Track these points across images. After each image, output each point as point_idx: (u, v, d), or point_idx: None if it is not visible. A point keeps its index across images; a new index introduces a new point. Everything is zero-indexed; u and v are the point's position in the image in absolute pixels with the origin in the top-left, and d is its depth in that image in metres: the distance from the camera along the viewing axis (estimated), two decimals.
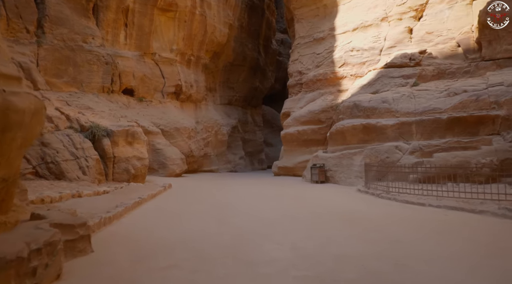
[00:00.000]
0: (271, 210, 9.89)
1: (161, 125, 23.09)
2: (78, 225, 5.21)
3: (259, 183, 19.43)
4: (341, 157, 17.91)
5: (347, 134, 18.04)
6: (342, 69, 22.78)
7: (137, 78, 22.98)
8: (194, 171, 25.61)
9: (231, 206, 10.71)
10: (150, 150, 20.88)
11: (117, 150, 16.08)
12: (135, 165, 16.37)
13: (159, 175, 20.92)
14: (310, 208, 10.21)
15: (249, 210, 9.92)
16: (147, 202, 11.21)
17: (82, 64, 19.66)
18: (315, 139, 22.43)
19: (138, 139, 17.00)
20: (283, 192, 14.61)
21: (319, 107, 22.18)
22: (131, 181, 16.12)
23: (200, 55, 27.20)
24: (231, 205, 11.02)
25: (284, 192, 14.78)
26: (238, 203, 11.36)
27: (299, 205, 10.85)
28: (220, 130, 28.68)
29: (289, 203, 11.29)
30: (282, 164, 23.98)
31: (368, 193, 13.03)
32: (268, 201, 11.82)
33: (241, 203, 11.35)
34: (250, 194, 14.04)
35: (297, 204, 11.08)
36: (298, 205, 10.96)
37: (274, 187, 17.12)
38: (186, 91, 25.87)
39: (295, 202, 11.61)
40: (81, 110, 16.98)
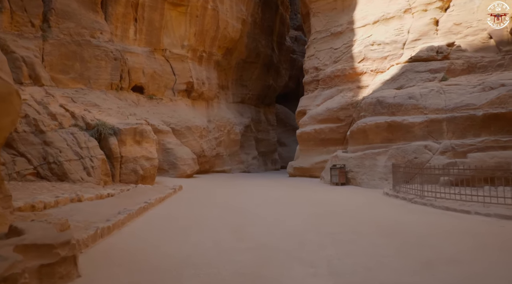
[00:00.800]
0: (293, 218, 8.64)
1: (171, 123, 22.01)
2: (59, 244, 4.04)
3: (275, 185, 18.18)
4: (363, 157, 16.54)
5: (370, 132, 16.66)
6: (362, 64, 21.38)
7: (147, 74, 21.94)
8: (206, 171, 24.49)
9: (246, 212, 9.49)
10: (160, 149, 19.82)
11: (125, 149, 15.01)
12: (144, 166, 15.28)
13: (169, 176, 19.83)
14: (337, 216, 8.92)
15: (267, 218, 8.68)
16: (155, 207, 10.06)
17: (90, 60, 18.67)
18: (333, 138, 21.08)
19: (147, 138, 15.91)
20: (302, 196, 13.33)
21: (337, 105, 20.82)
22: (139, 182, 15.03)
23: (212, 52, 26.07)
24: (247, 211, 9.80)
25: (303, 195, 13.50)
26: (254, 209, 10.13)
27: (323, 212, 9.57)
28: (233, 129, 27.50)
29: (311, 210, 10.02)
30: (298, 165, 22.68)
31: (398, 197, 11.67)
32: (287, 207, 10.56)
33: (258, 209, 10.12)
34: (267, 197, 12.80)
35: (320, 210, 9.80)
36: (322, 211, 9.68)
37: (291, 189, 15.85)
38: (197, 88, 24.76)
39: (318, 208, 10.33)
40: (87, 107, 15.97)
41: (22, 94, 14.14)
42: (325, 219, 8.53)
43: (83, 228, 6.34)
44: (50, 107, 14.25)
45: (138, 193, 12.12)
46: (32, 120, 13.33)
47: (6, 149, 12.68)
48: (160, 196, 11.12)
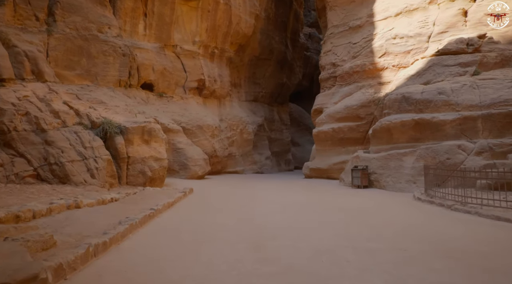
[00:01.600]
0: (320, 229, 7.39)
1: (182, 122, 20.95)
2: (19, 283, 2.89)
3: (291, 187, 16.93)
4: (387, 158, 15.19)
5: (395, 131, 15.30)
6: (383, 59, 19.99)
7: (156, 71, 20.91)
8: (218, 172, 23.37)
9: (265, 221, 8.28)
10: (170, 149, 18.75)
11: (132, 149, 13.95)
12: (152, 167, 14.21)
13: (179, 177, 18.76)
14: (370, 226, 7.65)
15: (290, 229, 7.46)
16: (162, 214, 8.92)
17: (97, 56, 17.69)
18: (352, 138, 19.74)
19: (156, 137, 14.83)
20: (324, 200, 12.06)
21: (357, 102, 19.47)
22: (148, 184, 13.95)
23: (224, 48, 24.93)
24: (265, 219, 8.59)
25: (324, 200, 12.23)
26: (273, 217, 8.92)
27: (352, 220, 8.31)
28: (246, 129, 26.33)
29: (338, 218, 8.76)
30: (314, 166, 21.39)
31: (434, 203, 10.32)
32: (310, 214, 9.31)
33: (278, 217, 8.90)
34: (285, 202, 11.57)
35: (348, 218, 8.54)
36: (351, 220, 8.42)
37: (310, 192, 14.59)
38: (209, 86, 23.65)
39: (345, 215, 9.06)
40: (93, 104, 14.96)
41: (24, 90, 13.19)
42: (357, 230, 7.27)
43: (72, 245, 5.21)
44: (53, 104, 13.26)
45: (145, 197, 11.01)
46: (33, 118, 12.35)
47: (5, 149, 11.72)
48: (168, 201, 9.98)
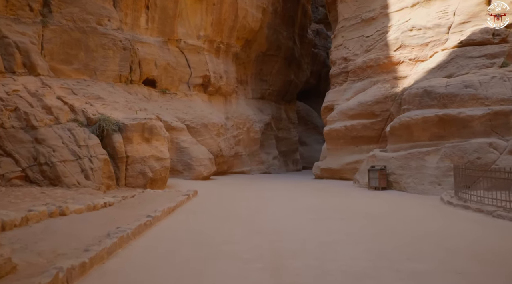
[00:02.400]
0: (347, 244, 6.13)
1: (186, 120, 19.75)
2: None
3: (302, 189, 15.67)
4: (408, 157, 13.88)
5: (415, 128, 13.99)
6: (399, 53, 18.65)
7: (159, 67, 19.73)
8: (224, 172, 22.15)
9: (280, 232, 7.05)
10: (173, 148, 17.57)
11: (131, 148, 12.78)
12: (153, 167, 13.02)
13: (183, 178, 17.56)
14: (407, 239, 6.37)
15: (312, 244, 6.21)
16: (161, 222, 7.71)
17: (96, 49, 16.53)
18: (366, 136, 18.43)
19: (157, 135, 13.64)
20: (342, 205, 10.80)
21: (372, 98, 18.16)
22: (148, 186, 12.77)
23: (230, 43, 23.70)
24: (280, 228, 7.35)
25: (342, 204, 10.96)
26: (288, 225, 7.68)
27: (383, 231, 7.04)
28: (252, 127, 25.09)
29: (365, 227, 7.49)
30: (325, 166, 20.11)
31: (470, 208, 9.01)
32: (330, 222, 8.05)
33: (293, 226, 7.66)
34: (299, 207, 10.32)
35: (377, 229, 7.27)
36: (381, 230, 7.15)
37: (324, 195, 13.32)
38: (215, 82, 22.44)
39: (372, 224, 7.79)
40: (89, 100, 13.80)
41: (14, 84, 12.05)
42: (392, 244, 6.01)
43: (39, 268, 4.02)
44: (46, 99, 12.11)
45: (143, 201, 9.82)
46: (23, 114, 11.20)
47: None
48: (169, 206, 8.77)
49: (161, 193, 11.80)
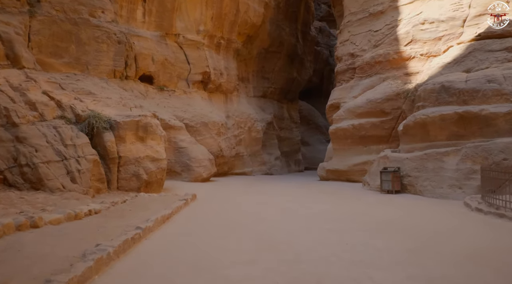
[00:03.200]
0: (387, 269, 4.95)
1: (185, 119, 18.58)
2: None
3: (309, 192, 14.51)
4: (424, 158, 12.73)
5: (432, 127, 12.85)
6: (409, 48, 17.51)
7: (157, 62, 18.55)
8: (224, 173, 20.98)
9: (296, 248, 5.87)
10: (171, 148, 16.40)
11: (124, 148, 11.60)
12: (148, 169, 11.85)
13: (182, 179, 16.39)
14: (459, 265, 5.19)
15: (338, 266, 5.03)
16: (153, 234, 6.52)
17: (88, 42, 15.35)
18: (376, 135, 17.27)
19: (153, 133, 12.46)
20: (357, 211, 9.63)
21: (382, 95, 17.00)
22: (143, 189, 11.60)
23: (231, 38, 22.53)
24: (295, 243, 6.17)
25: (357, 210, 9.79)
26: (305, 239, 6.51)
27: (422, 250, 5.85)
28: (254, 126, 23.91)
29: (397, 243, 6.32)
30: (331, 167, 18.94)
31: (506, 217, 7.84)
32: (353, 235, 6.87)
33: (311, 240, 6.49)
34: (311, 214, 9.14)
35: (413, 244, 6.09)
36: (418, 247, 5.96)
37: (334, 199, 12.15)
38: (215, 79, 21.27)
39: (403, 238, 6.62)
40: (79, 95, 12.61)
41: None
42: (440, 268, 4.82)
43: None
44: (30, 94, 10.92)
45: (135, 208, 8.64)
46: (3, 109, 10.02)
47: None
48: (163, 214, 7.58)
49: (156, 197, 10.62)
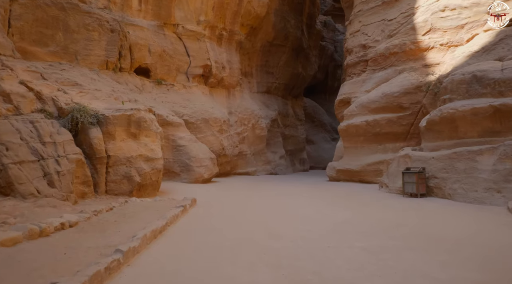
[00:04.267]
0: None
1: (184, 115, 17.04)
2: None
3: (322, 195, 12.96)
4: (453, 157, 11.16)
5: (462, 122, 11.28)
6: (428, 37, 15.94)
7: (154, 54, 17.01)
8: (227, 173, 19.44)
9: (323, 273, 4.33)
10: (169, 147, 14.89)
11: (114, 146, 10.06)
12: (142, 169, 10.31)
13: (181, 181, 14.87)
14: None
15: None
16: (138, 256, 4.98)
17: (77, 30, 13.81)
18: (392, 132, 15.71)
19: (147, 129, 10.91)
20: (389, 221, 8.08)
21: (399, 88, 15.43)
22: (135, 193, 10.06)
23: (233, 30, 20.96)
24: (324, 275, 4.63)
25: (388, 220, 8.24)
26: (342, 270, 4.96)
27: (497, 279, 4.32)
28: (258, 124, 22.36)
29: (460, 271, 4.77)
30: (342, 166, 17.38)
31: None
32: (400, 258, 5.31)
33: (350, 269, 4.94)
34: (337, 227, 7.60)
35: (481, 274, 4.56)
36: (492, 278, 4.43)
37: (355, 205, 10.60)
38: (216, 73, 19.72)
39: (465, 262, 5.08)
40: (63, 86, 11.06)
41: None
42: None
43: None
44: (4, 83, 9.38)
45: (122, 218, 7.11)
46: None
47: None
48: (154, 228, 6.04)
49: (149, 203, 9.09)
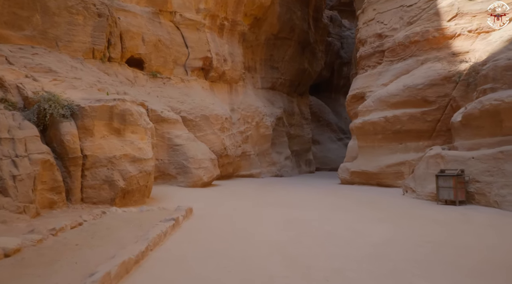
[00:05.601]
0: None
1: (182, 111, 15.18)
2: None
3: (344, 203, 11.04)
4: (498, 157, 9.24)
5: (508, 115, 9.37)
6: (454, 23, 14.08)
7: (148, 43, 15.15)
8: (229, 176, 17.54)
9: None
10: (164, 146, 13.03)
11: (92, 144, 8.16)
12: (127, 172, 8.41)
13: (177, 184, 12.99)
14: None
15: None
16: None
17: (58, 13, 11.93)
18: (415, 130, 13.79)
19: (134, 125, 9.02)
20: (442, 243, 6.16)
21: (424, 80, 13.51)
22: (118, 201, 8.18)
23: (236, 20, 19.09)
24: None
25: (441, 240, 6.32)
26: None
27: None
28: (263, 122, 20.45)
29: None
30: (357, 168, 15.45)
31: None
32: None
33: None
34: (371, 249, 5.71)
35: None
36: None
37: (386, 216, 8.67)
38: (217, 67, 17.84)
39: None
40: (33, 72, 9.17)
41: None
42: None
43: None
44: None
45: (90, 239, 5.21)
46: None
47: None
48: (126, 258, 4.13)
49: (134, 214, 7.18)
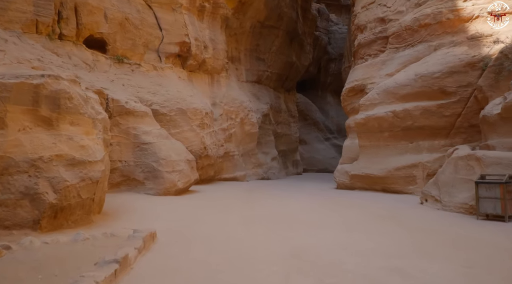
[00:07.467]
0: None
1: (154, 103, 12.47)
2: None
3: (353, 217, 8.61)
4: None
5: None
6: (472, 4, 11.98)
7: (112, 21, 12.39)
8: (210, 179, 14.92)
9: None
10: (128, 144, 10.33)
11: (4, 140, 5.42)
12: (61, 181, 5.72)
13: (145, 191, 10.29)
14: None
15: None
16: None
17: None
18: (429, 126, 11.55)
19: (75, 113, 6.31)
20: None
21: (441, 67, 11.28)
22: (46, 224, 5.61)
23: (218, 2, 16.48)
24: None
25: None
26: None
27: None
28: (248, 118, 17.92)
29: None
30: (359, 171, 13.12)
31: None
32: None
33: None
34: None
35: None
36: None
37: (421, 240, 6.30)
38: (197, 54, 15.19)
39: None
40: None
41: None
42: None
43: None
44: None
45: None
46: None
47: None
48: None
49: (59, 248, 4.54)
